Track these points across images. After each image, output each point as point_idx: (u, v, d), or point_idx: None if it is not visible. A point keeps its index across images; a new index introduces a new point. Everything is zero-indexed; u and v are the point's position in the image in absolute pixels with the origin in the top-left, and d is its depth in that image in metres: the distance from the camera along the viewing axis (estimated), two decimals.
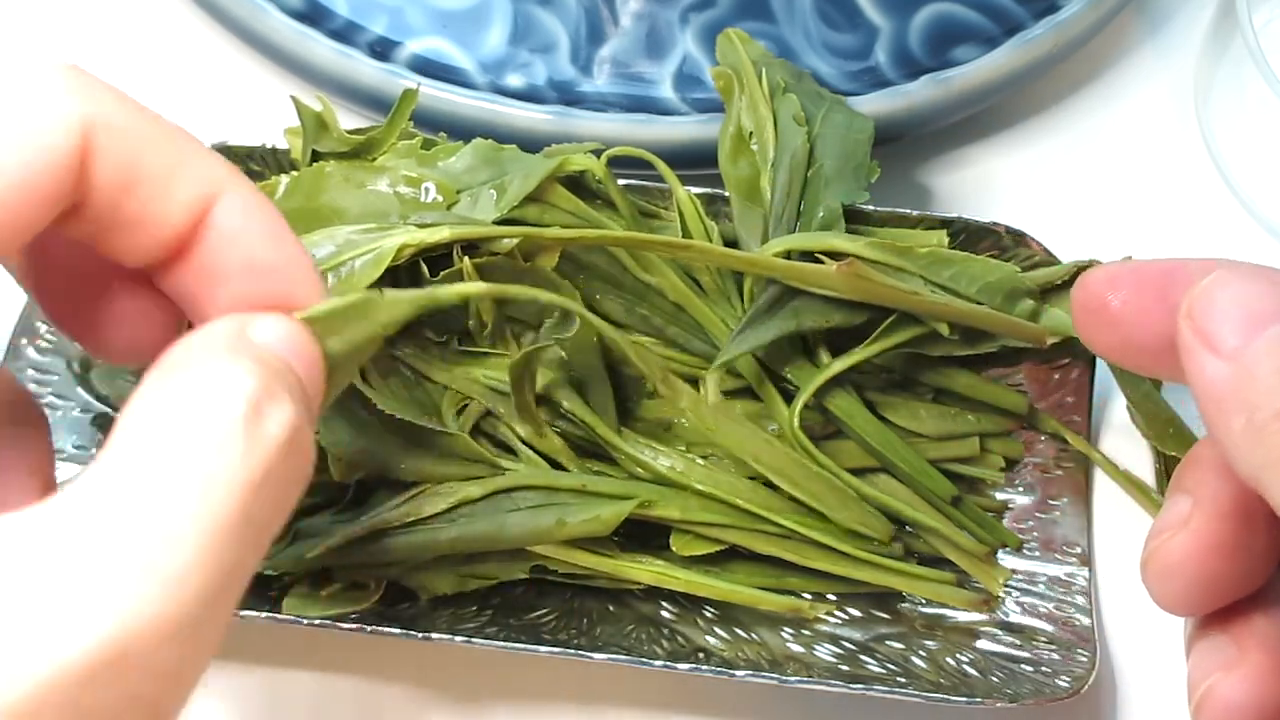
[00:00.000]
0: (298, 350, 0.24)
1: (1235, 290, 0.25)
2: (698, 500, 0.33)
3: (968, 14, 0.43)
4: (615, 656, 0.32)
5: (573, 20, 0.43)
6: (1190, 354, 0.25)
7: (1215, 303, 0.25)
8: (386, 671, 0.35)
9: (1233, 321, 0.24)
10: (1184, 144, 0.44)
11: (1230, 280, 0.25)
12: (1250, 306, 0.24)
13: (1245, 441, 0.24)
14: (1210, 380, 0.24)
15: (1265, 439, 0.23)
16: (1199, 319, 0.25)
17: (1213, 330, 0.24)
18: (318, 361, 0.24)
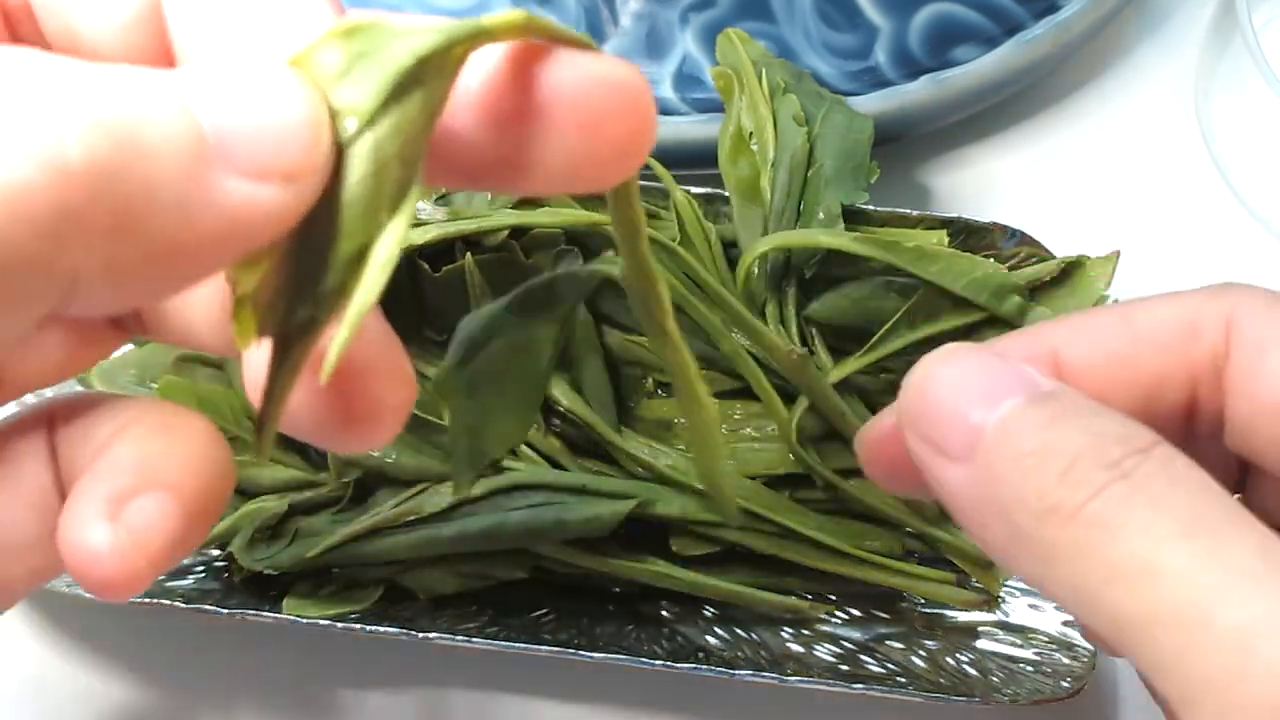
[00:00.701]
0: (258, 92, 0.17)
1: (948, 379, 0.21)
2: (698, 500, 0.33)
3: (968, 14, 0.43)
4: (615, 656, 0.32)
5: (572, 20, 0.43)
6: (924, 466, 0.21)
7: (931, 401, 0.21)
8: (386, 671, 0.35)
9: (956, 416, 0.21)
10: (1184, 144, 0.44)
11: (938, 368, 0.21)
12: (970, 392, 0.21)
13: (1009, 553, 0.20)
14: (952, 491, 0.21)
15: (1027, 546, 0.20)
16: (919, 424, 0.21)
17: (937, 433, 0.21)
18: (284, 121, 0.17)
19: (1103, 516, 0.19)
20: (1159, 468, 0.19)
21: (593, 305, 0.34)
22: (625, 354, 0.35)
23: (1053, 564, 0.19)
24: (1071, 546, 0.19)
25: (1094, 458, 0.19)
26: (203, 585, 0.33)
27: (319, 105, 0.17)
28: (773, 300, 0.35)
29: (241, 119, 0.18)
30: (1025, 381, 0.21)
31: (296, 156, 0.17)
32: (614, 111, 0.17)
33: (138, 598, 0.32)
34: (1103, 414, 0.20)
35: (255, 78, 0.18)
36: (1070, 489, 0.19)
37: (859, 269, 0.35)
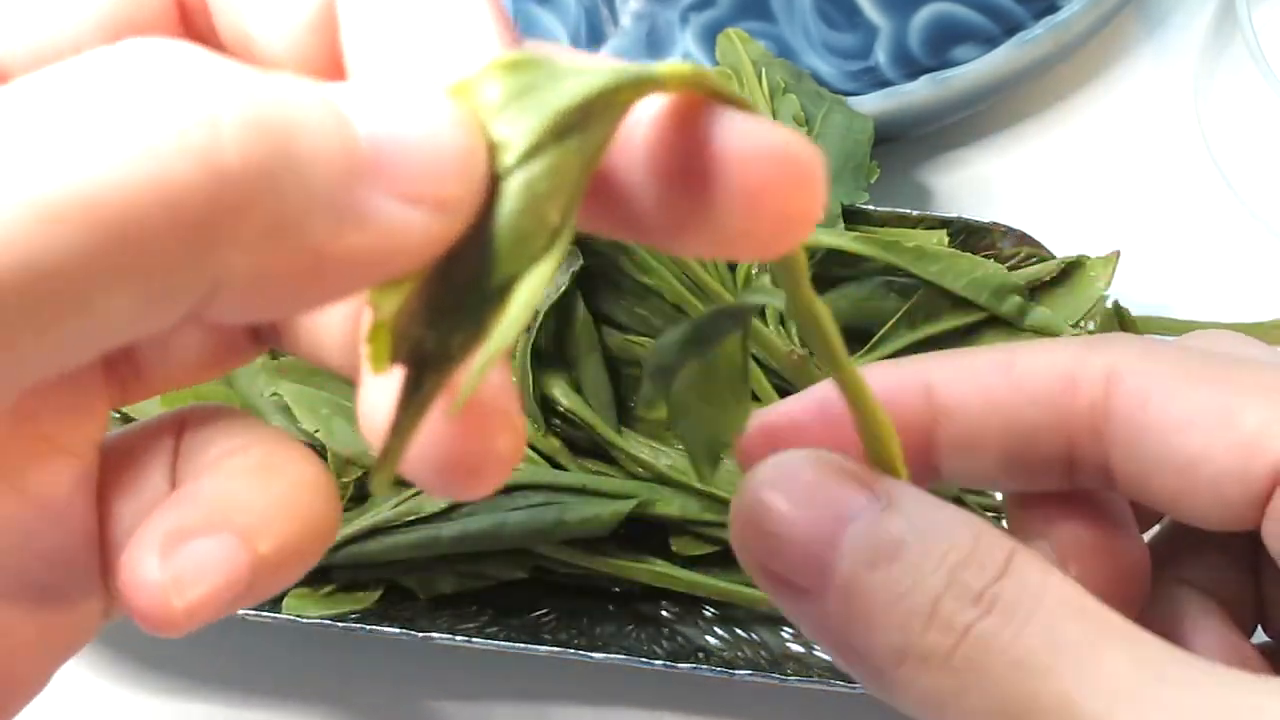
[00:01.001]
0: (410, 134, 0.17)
1: (779, 511, 0.19)
2: (698, 500, 0.33)
3: (967, 14, 0.43)
4: (615, 656, 0.32)
5: (573, 20, 0.43)
6: (775, 599, 0.20)
7: (765, 534, 0.19)
8: (386, 671, 0.35)
9: (795, 552, 0.19)
10: (1184, 144, 0.44)
11: (768, 498, 0.19)
12: (804, 526, 0.19)
13: (883, 692, 0.19)
14: (814, 627, 0.19)
15: (909, 689, 0.19)
16: (759, 559, 0.19)
17: (780, 568, 0.19)
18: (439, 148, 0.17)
19: (975, 661, 0.18)
20: (1020, 589, 0.19)
21: (593, 305, 0.34)
22: (625, 354, 0.35)
23: (931, 709, 0.19)
24: (948, 693, 0.18)
25: (956, 595, 0.18)
26: None
27: (476, 135, 0.17)
28: None
29: (399, 138, 0.17)
30: (859, 494, 0.19)
31: (450, 184, 0.17)
32: (784, 184, 0.17)
33: None
34: (952, 522, 0.19)
35: (416, 99, 0.17)
36: (940, 633, 0.18)
37: (859, 269, 0.35)
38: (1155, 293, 0.36)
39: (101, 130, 0.15)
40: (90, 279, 0.15)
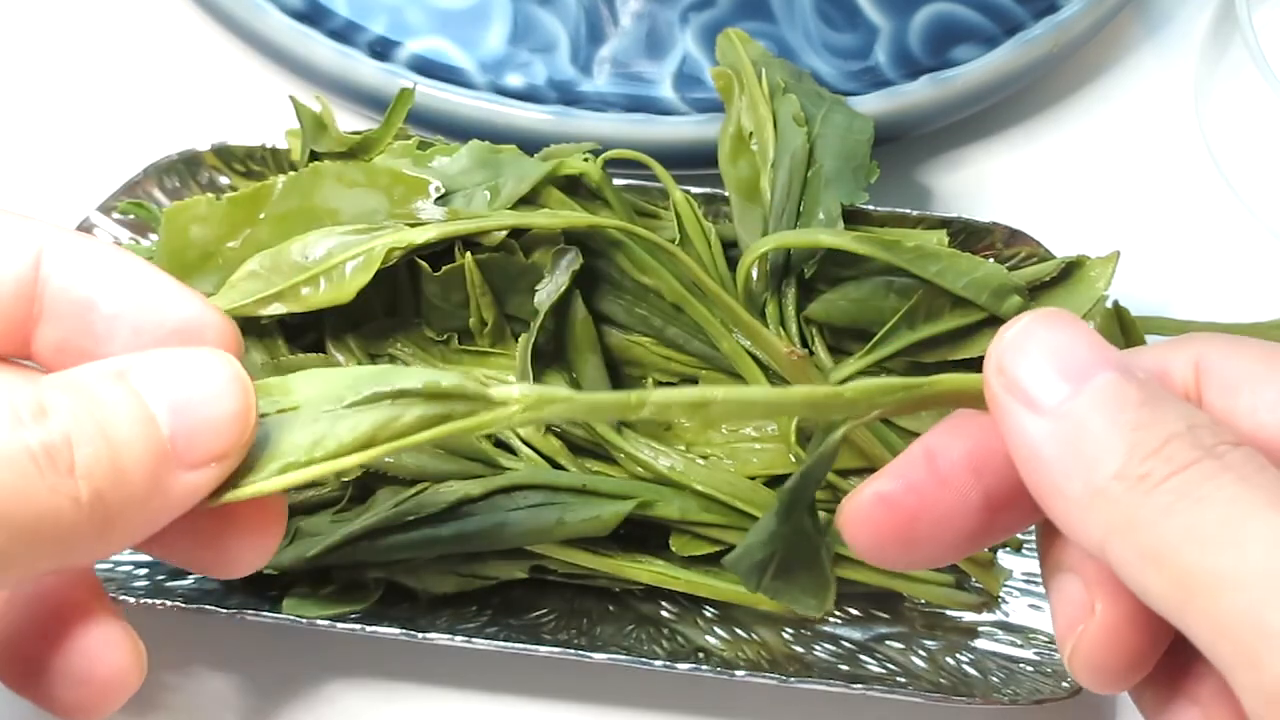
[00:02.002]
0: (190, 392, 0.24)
1: (1047, 338, 0.22)
2: (698, 500, 0.33)
3: (968, 14, 0.43)
4: (615, 656, 0.32)
5: (573, 20, 0.43)
6: (1006, 414, 0.22)
7: (1027, 354, 0.22)
8: (386, 671, 0.35)
9: (1051, 373, 0.22)
10: (1184, 144, 0.44)
11: (1038, 328, 0.22)
12: (1067, 355, 0.22)
13: (1083, 509, 0.21)
14: (1032, 441, 0.21)
15: (1106, 503, 0.21)
16: (1011, 373, 0.22)
17: (1030, 384, 0.22)
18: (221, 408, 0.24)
19: (1193, 487, 0.20)
20: (1247, 457, 0.20)
21: (592, 305, 0.34)
22: (625, 354, 0.35)
23: (1129, 525, 0.20)
24: (1155, 510, 0.20)
25: (1189, 439, 0.20)
26: (203, 585, 0.33)
27: (249, 394, 0.24)
28: (773, 300, 0.35)
29: (195, 419, 0.23)
30: (1120, 362, 0.22)
31: (231, 442, 0.23)
32: None
33: (137, 596, 0.32)
34: (1192, 410, 0.21)
35: (200, 370, 0.24)
36: (1163, 462, 0.20)
37: (859, 269, 0.35)
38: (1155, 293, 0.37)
39: None
40: None
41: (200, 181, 0.38)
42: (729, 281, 0.35)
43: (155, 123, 0.44)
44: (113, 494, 0.22)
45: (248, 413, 0.24)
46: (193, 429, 0.24)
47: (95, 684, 0.26)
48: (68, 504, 0.22)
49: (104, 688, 0.26)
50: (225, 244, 0.33)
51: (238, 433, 0.24)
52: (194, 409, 0.24)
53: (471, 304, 0.33)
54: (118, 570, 0.34)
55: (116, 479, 0.23)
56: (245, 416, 0.24)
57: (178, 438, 0.23)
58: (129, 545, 0.24)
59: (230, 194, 0.33)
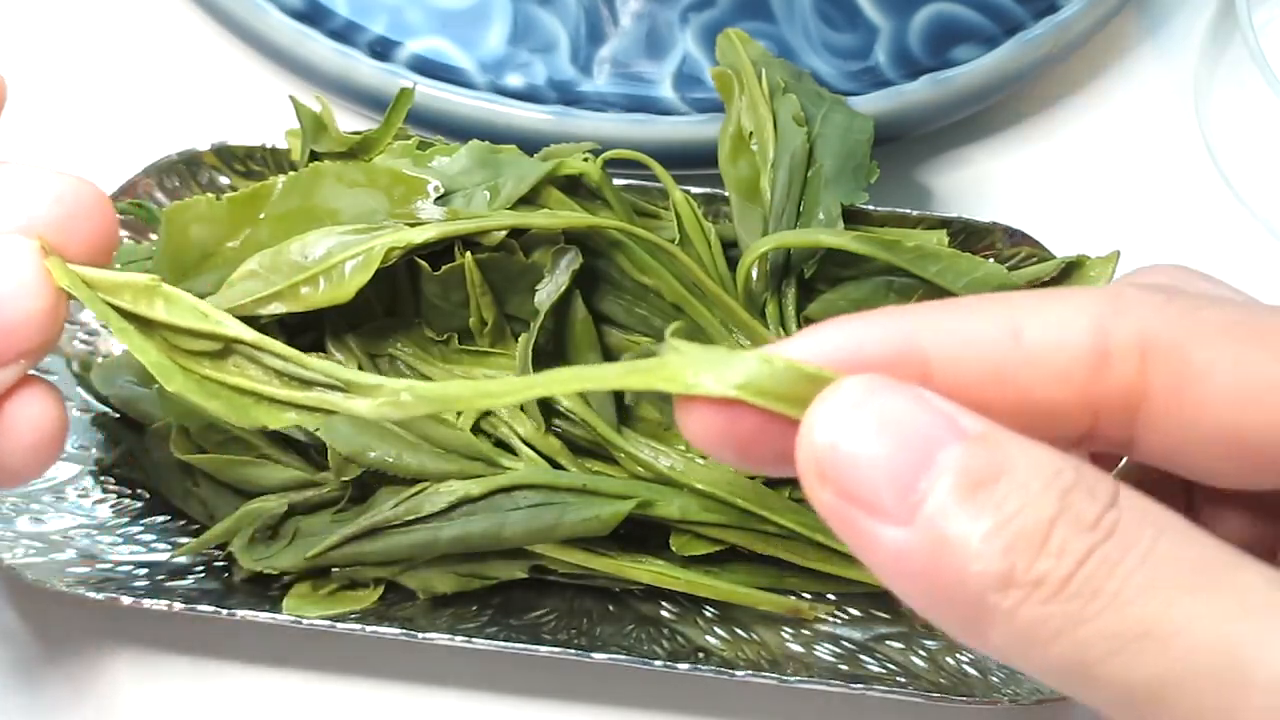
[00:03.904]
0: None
1: (862, 433, 0.18)
2: (698, 500, 0.33)
3: (968, 14, 0.43)
4: (615, 656, 0.32)
5: (573, 20, 0.43)
6: (852, 531, 0.18)
7: (845, 457, 0.18)
8: (387, 671, 0.35)
9: (889, 465, 0.18)
10: (1184, 144, 0.44)
11: (854, 413, 0.18)
12: (901, 433, 0.18)
13: (969, 628, 0.18)
14: (890, 555, 0.18)
15: (1004, 621, 0.18)
16: (841, 478, 0.18)
17: (861, 492, 0.18)
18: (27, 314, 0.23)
19: (1096, 584, 0.17)
20: (1137, 518, 0.18)
21: (592, 305, 0.34)
22: (625, 354, 0.35)
23: (1038, 642, 0.17)
24: (1063, 620, 0.17)
25: (1070, 521, 0.17)
26: (203, 585, 0.33)
27: (52, 292, 0.23)
28: (773, 300, 0.35)
29: (3, 318, 0.23)
30: (950, 425, 0.18)
31: (41, 340, 0.24)
32: None
33: (137, 596, 0.32)
34: (1052, 456, 0.18)
35: (14, 269, 0.23)
36: (1053, 559, 0.17)
37: (859, 269, 0.35)
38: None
39: None
40: None
41: (200, 181, 0.38)
42: (729, 281, 0.35)
43: (155, 123, 0.44)
44: None
45: (55, 304, 0.23)
46: (1, 328, 0.23)
47: (29, 445, 0.26)
48: None
49: (36, 450, 0.26)
50: (225, 244, 0.33)
51: (47, 327, 0.23)
52: (3, 307, 0.23)
53: (471, 304, 0.33)
54: (118, 570, 0.34)
55: None
56: (54, 309, 0.23)
57: None
58: None
59: (230, 194, 0.33)
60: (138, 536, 0.35)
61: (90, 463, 0.36)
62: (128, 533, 0.35)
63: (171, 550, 0.34)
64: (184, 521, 0.35)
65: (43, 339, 0.23)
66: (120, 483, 0.36)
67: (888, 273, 0.35)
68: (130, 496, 0.35)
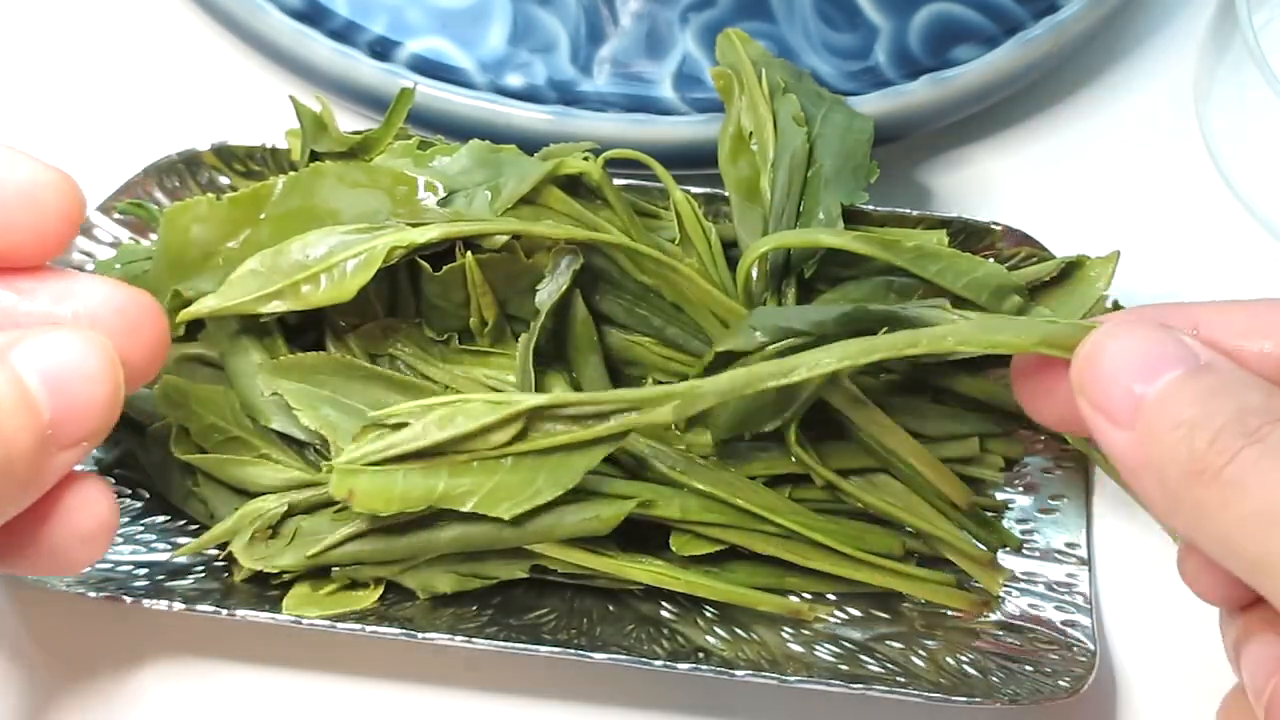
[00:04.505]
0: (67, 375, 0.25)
1: (1114, 352, 0.24)
2: (698, 500, 0.33)
3: (968, 14, 0.43)
4: (615, 656, 0.32)
5: (573, 20, 0.43)
6: (1095, 430, 0.24)
7: (1099, 372, 0.24)
8: (387, 671, 0.35)
9: (1119, 387, 0.24)
10: (1184, 144, 0.44)
11: (1106, 343, 0.24)
12: (1135, 363, 0.24)
13: (1166, 507, 0.23)
14: (1119, 453, 0.24)
15: (1181, 503, 0.23)
16: (1090, 394, 0.24)
17: (1104, 403, 0.24)
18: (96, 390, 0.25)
19: (1238, 476, 0.22)
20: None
21: (592, 305, 0.34)
22: (625, 354, 0.35)
23: (1202, 519, 0.22)
24: (1217, 503, 0.22)
25: (1235, 427, 0.22)
26: (203, 585, 0.33)
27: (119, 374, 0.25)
28: (773, 300, 0.35)
29: (73, 402, 0.25)
30: (1184, 355, 0.23)
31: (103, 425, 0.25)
32: None
33: (137, 596, 0.32)
34: (1250, 386, 0.23)
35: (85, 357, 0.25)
36: (1215, 455, 0.22)
37: (859, 269, 0.35)
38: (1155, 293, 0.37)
39: None
40: None
41: (200, 181, 0.38)
42: (729, 281, 0.35)
43: (155, 123, 0.44)
44: (8, 468, 0.24)
45: (119, 393, 0.26)
46: (70, 411, 0.25)
47: (84, 538, 0.27)
48: None
49: (93, 539, 0.28)
50: (225, 244, 0.33)
51: (110, 414, 0.26)
52: (72, 392, 0.25)
53: (472, 303, 0.33)
54: (118, 570, 0.34)
55: (14, 461, 0.24)
56: (117, 397, 0.26)
57: (56, 421, 0.25)
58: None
59: (230, 194, 0.33)
60: (138, 536, 0.35)
61: (90, 463, 0.36)
62: (128, 533, 0.35)
63: (171, 550, 0.34)
64: (184, 521, 0.35)
65: (105, 425, 0.26)
66: (120, 483, 0.36)
67: (888, 273, 0.35)
68: (130, 496, 0.35)
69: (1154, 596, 0.36)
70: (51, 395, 0.25)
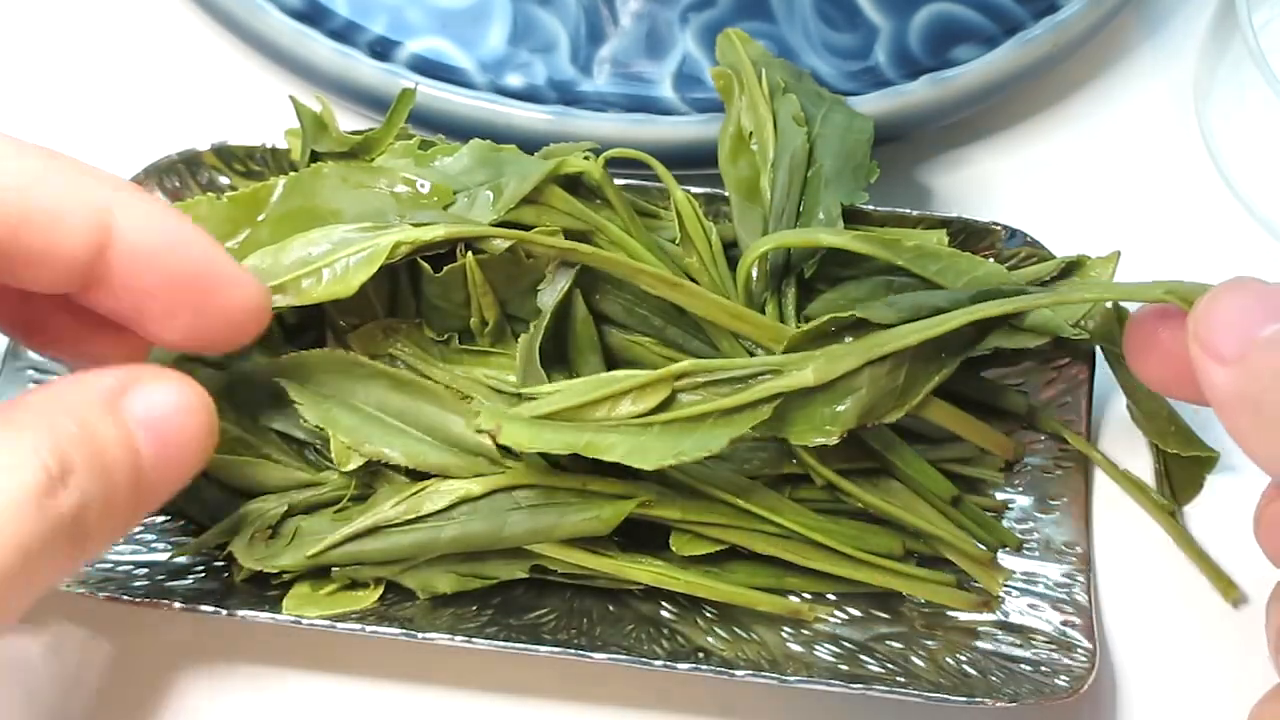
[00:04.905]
0: (169, 428, 0.27)
1: (1230, 301, 0.27)
2: (698, 500, 0.33)
3: (968, 14, 0.43)
4: (615, 656, 0.32)
5: (573, 20, 0.43)
6: (1200, 368, 0.27)
7: (1214, 316, 0.27)
8: (387, 671, 0.35)
9: (1231, 329, 0.27)
10: (1184, 144, 0.44)
11: (1224, 293, 0.27)
12: (1245, 313, 0.27)
13: (1256, 437, 0.26)
14: (1218, 387, 0.27)
15: (1274, 431, 0.26)
16: (1202, 334, 0.27)
17: (1214, 342, 0.27)
18: (191, 442, 0.27)
19: None
20: None
21: (592, 305, 0.34)
22: (625, 354, 0.35)
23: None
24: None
25: None
26: (203, 585, 0.33)
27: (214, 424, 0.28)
28: (772, 300, 0.35)
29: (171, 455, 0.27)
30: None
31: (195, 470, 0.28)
32: None
33: (136, 596, 0.32)
34: None
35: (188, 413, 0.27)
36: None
37: (859, 269, 0.35)
38: None
39: None
40: None
41: (200, 181, 0.38)
42: (729, 281, 0.35)
43: (155, 123, 0.44)
44: (99, 531, 0.25)
45: (211, 448, 0.28)
46: (168, 464, 0.27)
47: None
48: (67, 552, 0.25)
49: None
50: (225, 244, 0.33)
51: (200, 464, 0.28)
52: (172, 447, 0.27)
53: (473, 303, 0.33)
54: (118, 570, 0.34)
55: (106, 522, 0.26)
56: (209, 451, 0.28)
57: (154, 470, 0.26)
58: None
59: (230, 194, 0.33)
60: (138, 536, 0.35)
61: None
62: None
63: (171, 550, 0.34)
64: (184, 521, 0.35)
65: (193, 473, 0.28)
66: None
67: (888, 272, 0.35)
68: None
69: (1154, 596, 0.36)
70: (155, 447, 0.26)
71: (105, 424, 0.26)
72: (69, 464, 0.25)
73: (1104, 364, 0.36)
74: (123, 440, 0.26)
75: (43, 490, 0.24)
